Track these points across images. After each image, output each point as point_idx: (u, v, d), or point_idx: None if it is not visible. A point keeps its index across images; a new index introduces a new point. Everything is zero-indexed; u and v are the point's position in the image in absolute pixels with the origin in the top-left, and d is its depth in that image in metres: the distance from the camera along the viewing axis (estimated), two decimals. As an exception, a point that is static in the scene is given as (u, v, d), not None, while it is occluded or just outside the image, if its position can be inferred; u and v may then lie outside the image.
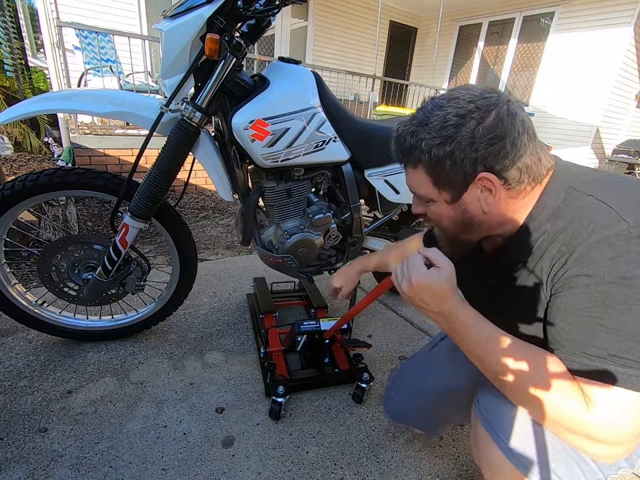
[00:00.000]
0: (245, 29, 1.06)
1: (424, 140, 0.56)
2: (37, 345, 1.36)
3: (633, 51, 4.67)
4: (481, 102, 0.53)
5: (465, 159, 0.54)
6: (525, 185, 0.56)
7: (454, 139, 0.54)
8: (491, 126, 0.52)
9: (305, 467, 1.01)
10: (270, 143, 1.12)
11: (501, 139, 0.52)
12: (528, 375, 0.55)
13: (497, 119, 0.52)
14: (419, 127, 0.57)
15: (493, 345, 0.58)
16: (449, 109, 0.54)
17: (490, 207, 0.59)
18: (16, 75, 4.66)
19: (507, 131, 0.52)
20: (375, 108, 4.81)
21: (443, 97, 0.57)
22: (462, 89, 0.57)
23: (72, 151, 3.25)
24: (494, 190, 0.57)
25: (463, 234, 0.67)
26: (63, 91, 1.28)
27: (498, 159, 0.53)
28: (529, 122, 0.56)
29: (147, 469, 0.96)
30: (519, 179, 0.55)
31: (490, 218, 0.61)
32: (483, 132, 0.52)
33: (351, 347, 1.32)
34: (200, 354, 1.40)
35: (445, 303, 0.61)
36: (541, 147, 0.57)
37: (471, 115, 0.53)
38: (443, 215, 0.65)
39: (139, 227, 1.17)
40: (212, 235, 2.66)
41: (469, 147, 0.53)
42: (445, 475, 1.04)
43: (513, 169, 0.54)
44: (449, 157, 0.55)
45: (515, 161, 0.54)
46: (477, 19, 6.11)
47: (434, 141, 0.55)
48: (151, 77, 4.41)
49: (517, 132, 0.53)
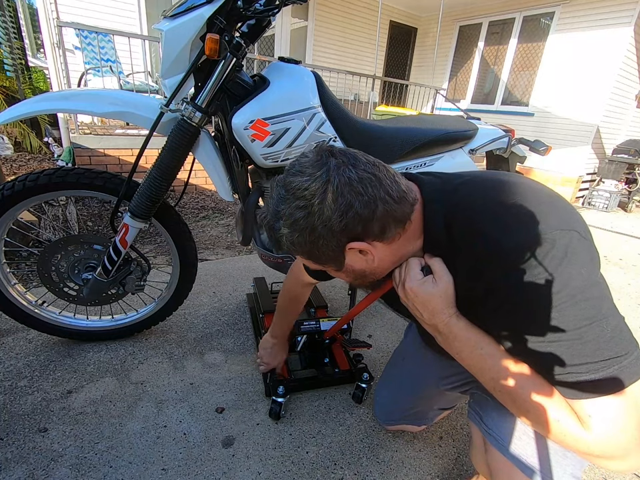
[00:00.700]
0: (245, 28, 1.06)
1: (284, 235, 0.58)
2: (37, 345, 1.35)
3: (633, 51, 4.67)
4: (314, 185, 0.53)
5: (327, 240, 0.56)
6: (393, 232, 0.57)
7: (307, 228, 0.55)
8: (333, 203, 0.53)
9: (304, 467, 1.01)
10: (270, 143, 1.12)
11: (349, 209, 0.53)
12: (520, 395, 0.54)
13: (336, 195, 0.53)
14: (274, 220, 0.58)
15: (488, 361, 0.58)
16: (291, 201, 0.55)
17: (374, 260, 0.60)
18: (16, 74, 4.65)
19: (351, 200, 0.53)
20: (375, 108, 4.81)
21: (283, 185, 0.57)
22: (292, 172, 0.56)
23: (72, 150, 3.25)
24: (366, 249, 0.58)
25: (364, 282, 0.68)
26: (62, 91, 1.28)
27: (355, 227, 0.54)
28: (373, 168, 0.55)
29: (147, 469, 0.96)
30: (384, 230, 0.56)
31: (382, 264, 0.63)
32: (328, 213, 0.53)
33: (350, 346, 1.32)
34: (200, 354, 1.40)
35: (435, 316, 0.61)
36: (396, 184, 0.56)
37: (312, 201, 0.54)
38: (341, 278, 0.69)
39: (139, 227, 1.17)
40: (212, 234, 2.66)
41: (324, 230, 0.55)
42: (444, 474, 1.04)
43: (374, 227, 0.55)
44: (312, 244, 0.57)
45: (371, 220, 0.54)
46: (477, 19, 6.10)
47: (293, 235, 0.57)
48: (151, 76, 4.41)
49: (360, 194, 0.53)
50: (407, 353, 1.08)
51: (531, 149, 1.65)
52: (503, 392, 0.57)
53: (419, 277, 0.61)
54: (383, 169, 0.57)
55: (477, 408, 0.74)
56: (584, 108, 4.89)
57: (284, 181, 0.57)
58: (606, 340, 0.47)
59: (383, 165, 0.58)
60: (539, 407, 0.52)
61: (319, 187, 0.53)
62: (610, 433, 0.47)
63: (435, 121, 1.46)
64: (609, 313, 0.48)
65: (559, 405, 0.51)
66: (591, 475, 1.07)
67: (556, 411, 0.51)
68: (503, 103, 5.94)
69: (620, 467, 0.49)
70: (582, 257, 0.49)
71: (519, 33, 5.59)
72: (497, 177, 0.62)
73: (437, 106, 5.61)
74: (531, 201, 0.54)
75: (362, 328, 1.66)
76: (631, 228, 4.14)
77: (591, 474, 1.07)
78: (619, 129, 5.42)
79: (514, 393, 0.55)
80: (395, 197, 0.55)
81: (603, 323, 0.47)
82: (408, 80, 7.08)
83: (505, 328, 0.56)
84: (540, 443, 0.63)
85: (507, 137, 1.58)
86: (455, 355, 0.63)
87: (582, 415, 0.49)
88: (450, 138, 1.41)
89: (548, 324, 0.49)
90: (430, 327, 0.64)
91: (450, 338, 0.61)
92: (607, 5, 4.56)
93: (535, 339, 0.51)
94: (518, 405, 0.55)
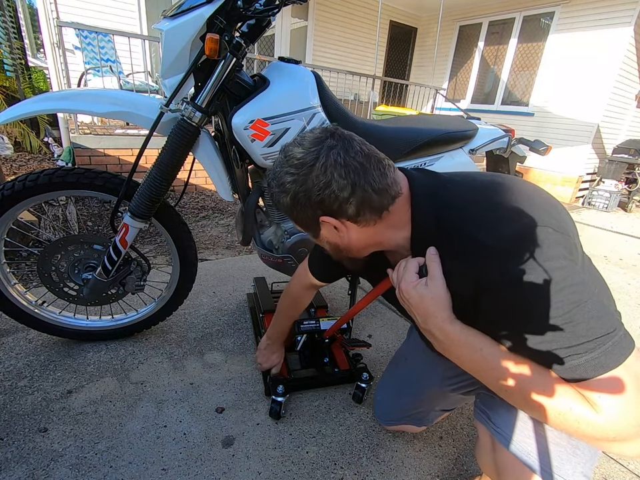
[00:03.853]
0: (245, 28, 1.06)
1: (275, 194, 0.66)
2: (37, 345, 1.36)
3: (633, 51, 4.67)
4: (305, 158, 0.60)
5: (304, 207, 0.62)
6: (367, 217, 0.62)
7: (291, 192, 0.62)
8: (315, 178, 0.59)
9: (305, 467, 1.01)
10: (270, 143, 1.12)
11: (327, 187, 0.59)
12: (529, 391, 0.54)
13: (319, 171, 0.59)
14: (272, 178, 0.66)
15: (490, 362, 0.57)
16: (285, 166, 0.62)
17: (346, 239, 0.66)
18: (16, 74, 4.65)
19: (331, 180, 0.58)
20: (375, 108, 4.81)
21: (284, 151, 0.64)
22: (296, 142, 0.63)
23: (72, 150, 3.25)
24: (339, 226, 0.63)
25: (341, 256, 0.73)
26: (63, 90, 1.28)
27: (330, 204, 0.60)
28: (365, 158, 0.60)
29: (147, 469, 0.96)
30: (358, 214, 0.61)
31: (355, 243, 0.67)
32: (310, 185, 0.60)
33: (350, 346, 1.32)
34: (200, 354, 1.40)
35: (429, 320, 0.61)
36: (382, 177, 0.60)
37: (299, 171, 0.60)
38: (320, 244, 0.74)
39: (139, 226, 1.17)
40: (212, 234, 2.66)
41: (303, 199, 0.61)
42: (445, 475, 1.04)
43: (349, 208, 0.60)
44: (292, 206, 0.63)
45: (346, 202, 0.59)
46: (477, 19, 6.10)
47: (280, 196, 0.64)
48: (151, 76, 4.41)
49: (341, 176, 0.58)
50: (410, 353, 1.08)
51: (531, 148, 1.65)
52: (511, 391, 0.56)
53: (413, 279, 0.63)
54: (374, 160, 0.61)
55: (483, 407, 0.74)
56: (584, 108, 4.89)
57: (286, 148, 0.64)
58: (595, 319, 0.50)
59: (376, 157, 0.62)
60: (550, 399, 0.53)
61: (309, 161, 0.59)
62: (620, 409, 0.48)
63: (435, 121, 1.46)
64: (590, 296, 0.51)
65: (568, 394, 0.52)
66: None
67: (567, 399, 0.52)
68: (502, 103, 5.94)
69: (635, 450, 0.50)
70: (559, 250, 0.53)
71: (519, 33, 5.59)
72: (485, 177, 0.66)
73: (437, 106, 5.60)
74: (513, 201, 0.58)
75: (362, 328, 1.66)
76: (631, 228, 4.14)
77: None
78: (619, 128, 5.42)
79: (523, 390, 0.55)
80: (375, 188, 0.60)
81: (589, 304, 0.50)
82: (408, 80, 7.07)
83: (500, 326, 0.56)
84: (550, 439, 0.63)
85: (507, 136, 1.58)
86: (455, 359, 0.63)
87: (591, 397, 0.50)
88: (450, 138, 1.41)
89: (540, 314, 0.51)
90: (425, 332, 0.64)
91: (446, 343, 0.61)
92: (607, 4, 4.56)
93: (531, 332, 0.52)
94: (528, 401, 0.55)
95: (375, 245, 0.69)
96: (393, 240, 0.67)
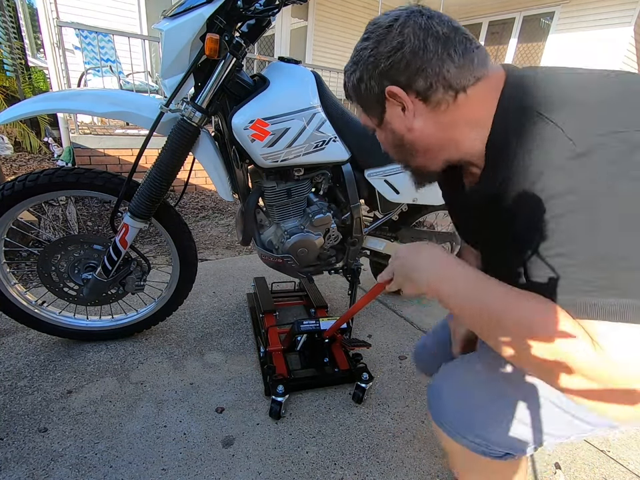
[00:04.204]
0: (245, 28, 1.06)
1: (346, 72, 0.60)
2: (37, 345, 1.36)
3: (633, 51, 4.67)
4: (384, 21, 0.54)
5: (371, 78, 0.56)
6: (439, 96, 0.53)
7: (360, 62, 0.56)
8: (390, 40, 0.52)
9: (305, 467, 1.01)
10: (270, 143, 1.12)
11: (399, 48, 0.52)
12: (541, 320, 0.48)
13: (394, 33, 0.52)
14: (350, 61, 0.60)
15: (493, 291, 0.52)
16: (363, 36, 0.56)
17: (412, 123, 0.57)
18: (16, 74, 4.65)
19: (405, 41, 0.52)
20: (375, 108, 4.80)
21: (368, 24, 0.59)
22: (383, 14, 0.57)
23: (72, 150, 3.25)
24: (407, 103, 0.55)
25: (407, 158, 0.65)
26: (63, 90, 1.28)
27: (400, 70, 0.53)
28: (451, 30, 0.52)
29: (147, 469, 0.96)
30: (429, 88, 0.53)
31: (422, 137, 0.59)
32: (382, 49, 0.53)
33: (350, 346, 1.32)
34: (200, 354, 1.40)
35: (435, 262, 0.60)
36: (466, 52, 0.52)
37: (375, 32, 0.54)
38: (382, 140, 0.66)
39: (139, 226, 1.17)
40: (212, 234, 2.67)
41: (371, 65, 0.55)
42: (445, 475, 1.04)
43: (418, 80, 0.52)
44: (360, 80, 0.57)
45: (417, 71, 0.52)
46: (477, 19, 6.11)
47: (350, 70, 0.58)
48: (151, 76, 4.41)
49: (418, 38, 0.51)
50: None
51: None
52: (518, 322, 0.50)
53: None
54: (461, 35, 0.53)
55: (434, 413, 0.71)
56: (584, 108, 4.89)
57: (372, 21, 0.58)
58: None
59: (465, 34, 0.53)
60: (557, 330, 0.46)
61: (387, 22, 0.54)
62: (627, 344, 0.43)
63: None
64: None
65: (573, 325, 0.46)
66: (591, 474, 1.07)
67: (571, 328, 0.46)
68: (502, 103, 5.93)
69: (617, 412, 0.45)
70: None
71: (519, 33, 5.60)
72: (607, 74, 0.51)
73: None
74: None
75: (362, 328, 1.67)
76: None
77: (591, 474, 1.07)
78: (619, 128, 5.42)
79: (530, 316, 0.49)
80: (454, 60, 0.51)
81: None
82: (408, 80, 7.07)
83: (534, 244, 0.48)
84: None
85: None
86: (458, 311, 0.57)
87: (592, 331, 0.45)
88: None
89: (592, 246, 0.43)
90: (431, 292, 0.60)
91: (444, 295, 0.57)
92: (607, 4, 4.57)
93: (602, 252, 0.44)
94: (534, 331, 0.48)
95: (448, 142, 0.58)
96: (467, 140, 0.56)
